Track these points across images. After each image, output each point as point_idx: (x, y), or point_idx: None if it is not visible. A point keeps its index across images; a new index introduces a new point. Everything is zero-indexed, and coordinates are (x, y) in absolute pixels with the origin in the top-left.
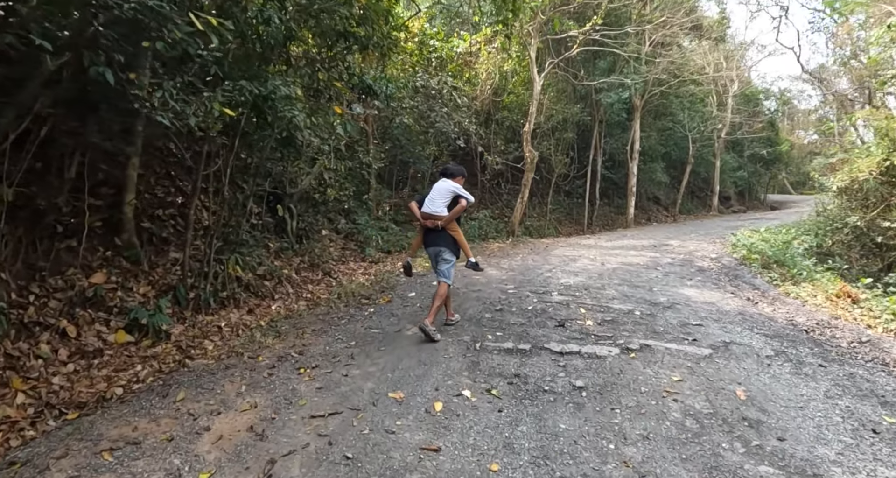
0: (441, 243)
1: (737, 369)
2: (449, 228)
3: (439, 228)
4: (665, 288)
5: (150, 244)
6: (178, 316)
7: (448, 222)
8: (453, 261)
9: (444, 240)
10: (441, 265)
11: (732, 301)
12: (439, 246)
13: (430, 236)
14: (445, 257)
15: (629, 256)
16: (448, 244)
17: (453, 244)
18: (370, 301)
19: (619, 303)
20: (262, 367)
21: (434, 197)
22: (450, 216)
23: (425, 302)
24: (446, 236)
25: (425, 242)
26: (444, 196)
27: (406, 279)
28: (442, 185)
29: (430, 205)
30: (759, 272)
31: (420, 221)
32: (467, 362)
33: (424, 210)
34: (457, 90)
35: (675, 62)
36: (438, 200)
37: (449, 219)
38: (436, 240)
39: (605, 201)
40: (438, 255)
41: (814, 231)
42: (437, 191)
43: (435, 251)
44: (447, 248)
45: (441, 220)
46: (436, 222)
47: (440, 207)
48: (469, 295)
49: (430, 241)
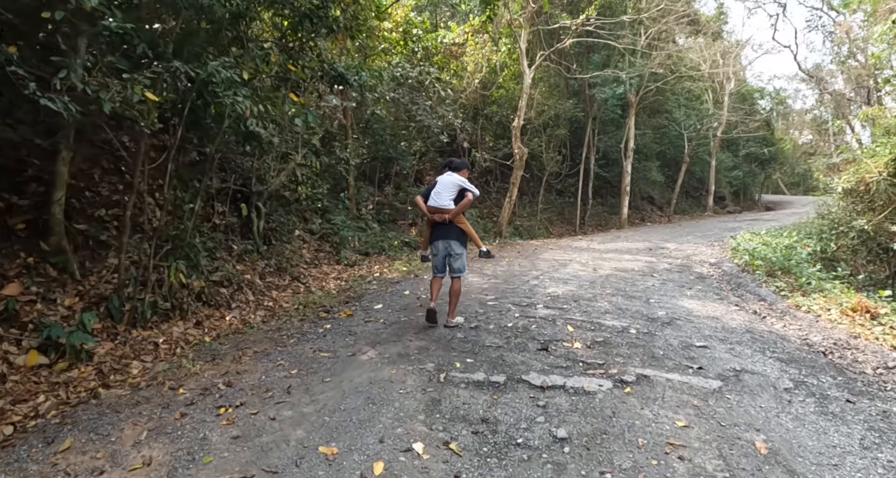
0: (450, 236)
1: (752, 409)
2: (456, 220)
3: (447, 221)
4: (663, 299)
5: (86, 248)
6: (108, 332)
7: (455, 216)
8: (464, 253)
9: (452, 233)
10: (454, 262)
11: (738, 315)
12: (449, 239)
13: (438, 230)
14: (456, 251)
15: (623, 261)
16: (457, 236)
17: (462, 236)
18: (329, 314)
19: (612, 318)
20: (178, 402)
21: (440, 191)
22: (456, 210)
23: (391, 317)
24: (455, 229)
25: (434, 236)
26: (450, 190)
27: (373, 290)
28: (447, 178)
29: (436, 199)
30: (764, 281)
31: (427, 216)
32: (427, 399)
33: (431, 204)
34: (440, 82)
35: (672, 56)
36: (445, 194)
37: (456, 212)
38: (445, 233)
39: (599, 201)
40: (448, 248)
41: (817, 235)
42: (443, 185)
43: (444, 244)
44: (456, 240)
45: (448, 213)
46: (443, 216)
47: (447, 200)
48: (442, 309)
49: (439, 234)
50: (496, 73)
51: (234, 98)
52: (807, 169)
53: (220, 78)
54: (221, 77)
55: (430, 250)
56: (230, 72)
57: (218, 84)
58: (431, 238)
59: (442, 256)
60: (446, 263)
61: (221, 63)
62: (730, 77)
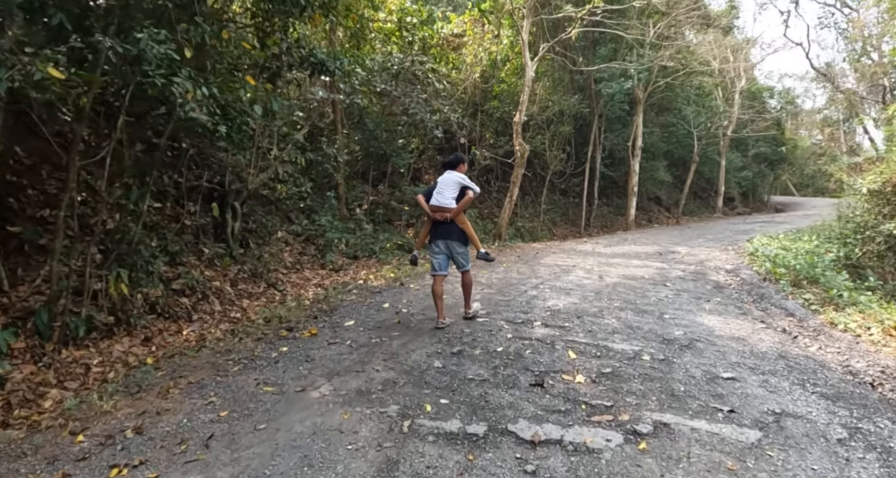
0: (451, 236)
1: (803, 473)
2: (457, 219)
3: (448, 220)
4: (679, 314)
5: (20, 254)
6: (33, 352)
7: (456, 214)
8: (466, 250)
9: (453, 232)
10: (457, 258)
11: (766, 335)
12: (449, 239)
13: (439, 229)
14: (458, 250)
15: (632, 268)
16: (458, 236)
17: (462, 235)
18: (292, 332)
19: (621, 339)
20: (69, 456)
21: (441, 190)
22: (457, 209)
23: (360, 338)
24: (455, 229)
25: (435, 235)
26: (451, 188)
27: (350, 301)
28: (448, 177)
29: (438, 198)
30: (790, 292)
31: (429, 215)
32: (381, 459)
33: (433, 203)
34: (435, 73)
35: (681, 51)
36: (446, 193)
37: (457, 211)
38: (446, 232)
39: (604, 201)
40: (449, 248)
41: (839, 239)
42: (444, 183)
43: (445, 244)
44: (457, 239)
45: (450, 212)
46: (445, 215)
47: (448, 199)
48: (422, 327)
49: (440, 233)
50: (497, 67)
51: (168, 79)
52: (816, 170)
53: (151, 54)
54: (154, 53)
55: (431, 249)
56: (164, 47)
57: (149, 61)
58: (432, 237)
59: (444, 256)
60: (448, 262)
61: (150, 36)
62: (740, 75)
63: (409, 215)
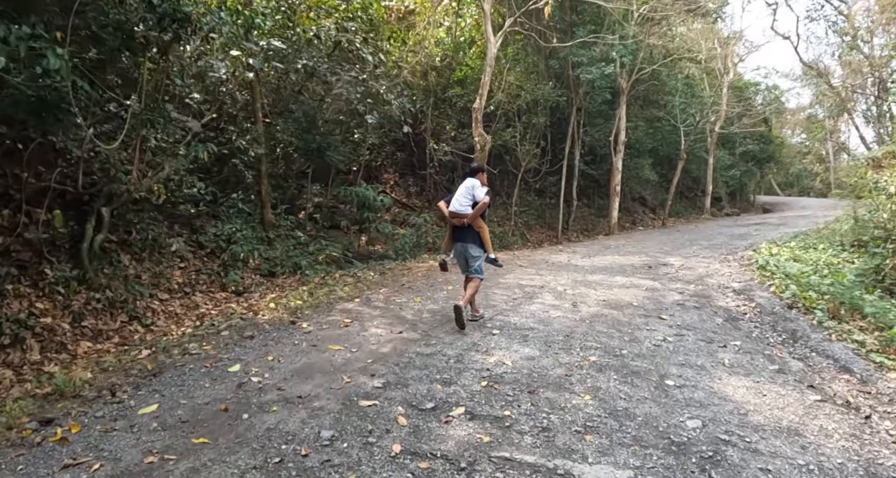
0: (467, 239)
1: None
2: (475, 224)
3: (465, 225)
4: (687, 375)
5: None
6: None
7: (472, 220)
8: (481, 255)
9: (469, 236)
10: (471, 263)
11: (827, 419)
12: (465, 242)
13: (457, 233)
14: (473, 253)
15: (616, 288)
16: (474, 239)
17: (479, 239)
18: (38, 431)
19: (596, 451)
20: None
21: (458, 196)
22: (473, 214)
23: (128, 455)
24: (472, 233)
25: (454, 238)
26: (466, 195)
27: (194, 356)
28: (467, 183)
29: (455, 204)
30: (833, 331)
31: (448, 220)
32: None
33: (451, 209)
34: (367, 44)
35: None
36: (463, 199)
37: (472, 217)
38: (462, 236)
39: (585, 202)
40: (465, 250)
41: (862, 248)
42: (461, 190)
43: (462, 247)
44: (474, 243)
45: (466, 218)
46: (461, 220)
47: (464, 205)
48: (260, 422)
49: (458, 237)
50: (462, 50)
51: None
52: (801, 169)
53: None
54: None
55: (454, 251)
56: None
57: None
58: (452, 241)
59: (462, 258)
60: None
61: None
62: (728, 67)
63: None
